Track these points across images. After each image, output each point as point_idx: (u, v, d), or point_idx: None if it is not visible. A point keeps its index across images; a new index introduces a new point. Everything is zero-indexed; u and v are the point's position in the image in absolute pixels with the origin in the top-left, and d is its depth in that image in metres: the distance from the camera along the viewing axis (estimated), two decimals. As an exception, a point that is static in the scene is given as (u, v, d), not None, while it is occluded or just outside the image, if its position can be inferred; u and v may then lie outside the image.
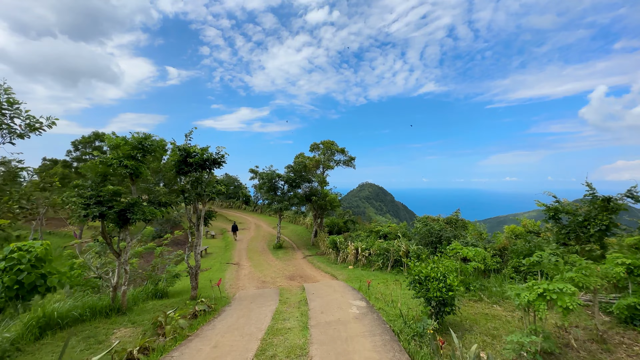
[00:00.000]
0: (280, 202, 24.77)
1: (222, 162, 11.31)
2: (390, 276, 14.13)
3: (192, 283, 10.39)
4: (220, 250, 26.06)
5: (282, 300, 10.33)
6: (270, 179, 24.99)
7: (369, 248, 17.49)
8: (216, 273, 17.63)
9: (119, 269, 9.11)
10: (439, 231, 15.59)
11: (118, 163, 8.25)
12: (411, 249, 14.71)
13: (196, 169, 10.61)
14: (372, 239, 19.30)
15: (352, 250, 18.09)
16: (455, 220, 16.48)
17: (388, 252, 16.06)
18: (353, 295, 10.23)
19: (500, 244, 12.19)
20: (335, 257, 20.32)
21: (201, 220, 10.44)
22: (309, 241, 27.60)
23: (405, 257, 14.82)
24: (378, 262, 16.19)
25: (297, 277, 16.05)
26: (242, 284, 14.78)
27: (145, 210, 8.57)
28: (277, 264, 19.58)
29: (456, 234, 14.77)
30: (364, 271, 16.14)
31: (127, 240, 8.98)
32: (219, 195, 10.41)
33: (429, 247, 15.90)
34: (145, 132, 8.94)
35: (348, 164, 30.49)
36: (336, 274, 15.79)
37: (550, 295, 5.48)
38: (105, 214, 8.30)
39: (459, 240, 13.63)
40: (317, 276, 16.09)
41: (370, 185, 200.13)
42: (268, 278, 15.96)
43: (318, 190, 26.45)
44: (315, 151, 31.11)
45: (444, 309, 7.03)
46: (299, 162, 26.25)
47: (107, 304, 8.87)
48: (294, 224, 37.63)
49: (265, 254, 23.00)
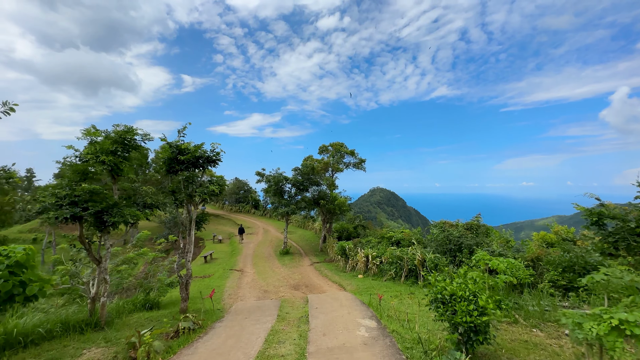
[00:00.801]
0: (287, 206, 23.59)
1: (218, 160, 10.21)
2: (404, 288, 12.58)
3: (182, 294, 9.25)
4: (225, 256, 25.05)
5: (281, 316, 9.01)
6: (277, 182, 23.90)
7: (380, 256, 15.97)
8: (217, 280, 16.50)
9: (98, 278, 8.06)
10: (458, 238, 13.95)
11: (94, 159, 7.26)
12: (427, 258, 13.13)
13: (188, 168, 9.54)
14: (384, 246, 17.77)
15: (362, 258, 16.61)
16: (476, 226, 14.79)
17: (401, 261, 14.51)
18: (362, 311, 8.80)
19: (532, 254, 10.51)
20: (344, 264, 18.87)
21: (192, 224, 9.33)
22: (317, 247, 26.24)
23: (420, 266, 13.24)
24: (390, 272, 14.65)
25: (302, 287, 14.72)
26: (242, 293, 13.56)
27: (125, 213, 7.51)
28: (282, 272, 18.31)
29: (479, 242, 13.10)
30: (375, 281, 14.62)
31: (106, 246, 7.93)
32: (211, 197, 9.30)
33: (447, 255, 14.26)
34: (128, 125, 7.96)
35: (358, 167, 29.09)
36: (344, 284, 14.35)
37: (631, 329, 3.96)
38: (80, 216, 7.29)
39: (483, 249, 11.98)
40: (324, 286, 14.69)
41: (381, 190, 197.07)
42: (271, 287, 14.69)
43: (327, 193, 25.15)
44: (324, 154, 29.91)
45: (475, 338, 5.55)
46: (307, 165, 25.08)
47: (83, 318, 7.81)
48: (303, 229, 36.35)
49: (271, 260, 21.79)
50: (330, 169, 28.26)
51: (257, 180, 25.43)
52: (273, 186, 23.78)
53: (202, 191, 9.00)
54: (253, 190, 51.46)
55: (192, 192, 9.06)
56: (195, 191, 9.01)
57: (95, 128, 7.81)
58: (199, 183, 9.48)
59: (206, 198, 9.08)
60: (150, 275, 11.69)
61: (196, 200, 9.40)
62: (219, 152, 10.19)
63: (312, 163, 25.66)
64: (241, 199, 51.50)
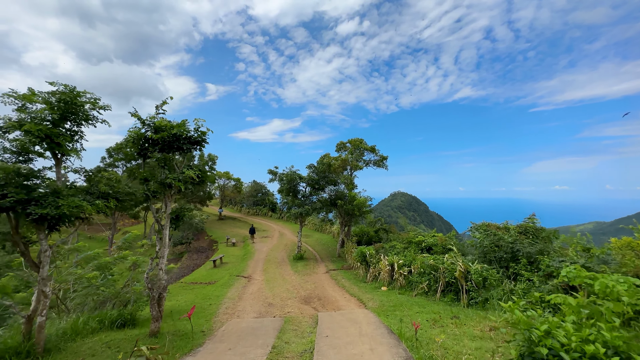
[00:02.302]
0: (301, 207, 21.17)
1: (203, 142, 8.01)
2: (442, 307, 9.59)
3: (153, 312, 7.02)
4: (236, 260, 23.01)
5: (277, 348, 6.47)
6: (290, 181, 21.60)
7: (408, 264, 13.02)
8: (219, 289, 14.31)
9: (37, 290, 6.00)
10: (511, 244, 10.74)
11: (18, 126, 5.25)
12: (472, 269, 10.06)
13: (164, 149, 7.39)
14: (412, 252, 14.75)
15: (386, 267, 13.72)
16: (533, 230, 11.49)
17: (436, 272, 11.51)
18: (391, 347, 6.05)
19: (635, 268, 7.25)
20: (364, 273, 16.04)
21: (167, 222, 7.13)
22: (334, 252, 23.52)
23: (463, 279, 10.19)
24: (422, 284, 11.67)
25: (313, 300, 12.11)
26: (242, 306, 11.18)
27: (62, 204, 5.40)
28: (294, 280, 15.81)
29: (542, 249, 9.86)
30: (403, 296, 11.69)
31: (43, 248, 5.86)
32: (188, 185, 7.06)
33: (495, 265, 11.07)
34: (71, 86, 5.90)
35: (379, 165, 26.16)
36: (364, 299, 11.55)
37: None
38: (9, 206, 5.27)
39: (555, 259, 8.78)
40: (339, 299, 11.98)
41: (402, 195, 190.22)
42: (277, 299, 12.22)
43: (344, 193, 22.47)
44: (342, 151, 27.30)
45: None
46: (323, 162, 22.61)
47: (13, 345, 5.75)
48: (320, 232, 33.76)
49: (283, 266, 19.39)
50: (349, 167, 25.57)
51: (270, 180, 23.27)
52: (286, 185, 21.50)
53: (175, 177, 6.76)
54: (270, 193, 49.82)
55: (164, 179, 6.86)
56: (168, 177, 6.79)
57: (32, 91, 5.82)
58: (176, 169, 7.27)
59: (180, 186, 6.84)
60: (127, 285, 9.66)
61: (172, 191, 7.19)
62: (205, 132, 7.98)
63: (328, 160, 23.16)
64: (259, 201, 49.98)
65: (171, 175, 6.77)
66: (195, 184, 7.29)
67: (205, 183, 7.60)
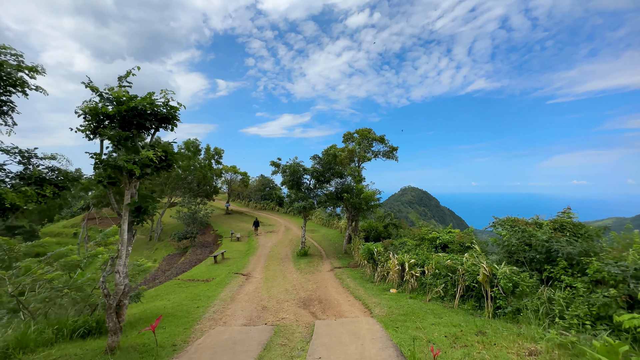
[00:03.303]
0: (304, 200, 19.73)
1: (174, 120, 6.61)
2: (463, 318, 7.95)
3: (109, 324, 5.75)
4: (239, 256, 21.89)
5: (255, 374, 5.06)
6: (293, 173, 20.16)
7: (421, 264, 11.37)
8: (213, 288, 13.10)
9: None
10: (546, 242, 8.91)
11: None
12: (499, 272, 8.34)
13: (124, 127, 6.02)
14: (424, 250, 13.06)
15: (396, 266, 12.11)
16: (570, 226, 9.60)
17: (454, 274, 9.84)
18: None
19: None
20: (371, 271, 14.49)
21: (125, 214, 5.79)
22: (341, 248, 22.04)
23: (487, 284, 8.48)
24: (437, 288, 10.03)
25: (313, 303, 10.68)
26: (231, 311, 9.87)
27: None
28: (295, 278, 14.45)
29: (587, 249, 8.01)
30: (414, 300, 10.08)
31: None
32: (147, 170, 5.68)
33: (525, 267, 9.28)
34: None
35: (389, 156, 24.34)
36: (370, 304, 10.01)
37: None
38: None
39: (602, 261, 6.97)
40: (342, 303, 10.50)
41: (413, 189, 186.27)
42: (273, 301, 10.86)
43: (351, 186, 20.86)
44: (349, 142, 25.58)
45: None
46: (328, 153, 21.02)
47: None
48: (327, 227, 32.29)
49: (286, 263, 18.07)
50: (357, 158, 23.86)
51: (273, 172, 21.89)
52: (288, 177, 20.08)
53: (128, 159, 5.38)
54: (278, 187, 48.69)
55: (115, 161, 5.48)
56: (120, 159, 5.42)
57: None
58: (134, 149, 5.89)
59: (136, 171, 5.45)
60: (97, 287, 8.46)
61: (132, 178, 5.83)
62: (176, 108, 6.57)
63: (334, 151, 21.54)
64: (266, 196, 48.96)
65: (123, 157, 5.40)
66: (158, 168, 5.91)
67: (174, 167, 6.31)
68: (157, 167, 5.90)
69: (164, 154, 5.83)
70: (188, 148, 36.23)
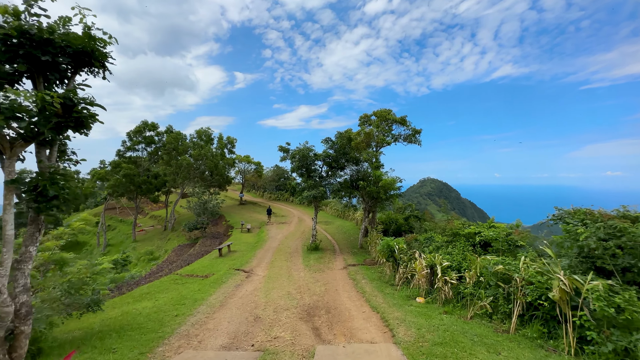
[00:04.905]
0: (315, 188, 17.35)
1: (101, 59, 4.37)
2: (532, 355, 5.29)
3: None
4: (246, 248, 20.06)
5: None
6: (303, 158, 17.79)
7: (458, 268, 8.69)
8: (206, 287, 11.15)
9: None
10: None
11: None
12: (590, 290, 5.55)
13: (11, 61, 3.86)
14: (460, 249, 10.31)
15: (424, 269, 9.49)
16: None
17: (507, 284, 7.12)
18: None
19: None
20: (391, 272, 11.98)
21: (9, 196, 3.66)
22: (356, 242, 19.58)
23: (566, 304, 5.74)
24: (484, 301, 7.36)
25: (319, 313, 8.37)
26: (214, 323, 7.77)
27: None
28: (302, 277, 12.24)
29: None
30: (451, 317, 7.49)
31: None
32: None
33: (615, 279, 6.41)
34: None
35: (411, 140, 21.25)
36: (392, 320, 7.51)
37: None
38: None
39: None
40: (355, 316, 8.09)
41: (432, 181, 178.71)
42: (269, 310, 8.67)
43: (368, 173, 18.20)
44: (366, 125, 22.72)
45: None
46: (342, 136, 18.41)
47: None
48: (342, 219, 29.88)
49: (294, 258, 15.94)
50: (374, 142, 21.02)
51: (282, 158, 19.55)
52: (297, 162, 17.75)
53: None
54: (292, 178, 46.74)
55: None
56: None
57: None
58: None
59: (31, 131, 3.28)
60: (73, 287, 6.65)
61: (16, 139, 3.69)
62: (104, 41, 4.31)
63: (348, 134, 18.89)
64: (281, 186, 47.22)
65: None
66: (62, 126, 3.70)
67: (89, 126, 4.34)
68: (61, 124, 3.71)
69: (61, 101, 3.61)
70: (200, 137, 34.89)
